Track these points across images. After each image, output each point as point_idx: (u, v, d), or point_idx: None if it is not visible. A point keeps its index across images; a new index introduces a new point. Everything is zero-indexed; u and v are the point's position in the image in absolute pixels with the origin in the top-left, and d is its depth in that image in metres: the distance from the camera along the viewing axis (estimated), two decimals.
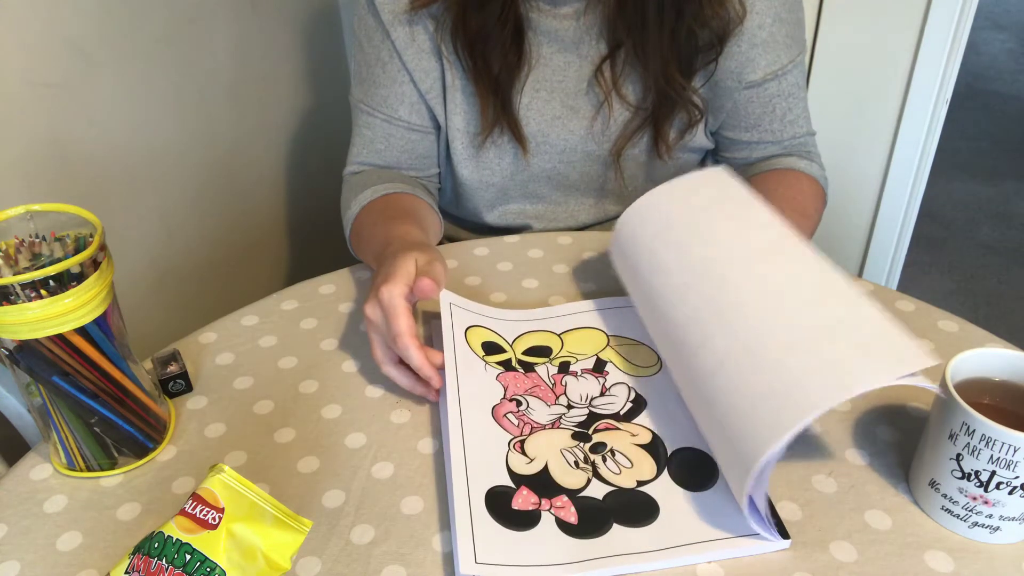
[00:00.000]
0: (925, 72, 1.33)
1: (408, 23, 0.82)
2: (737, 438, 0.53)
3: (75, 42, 0.93)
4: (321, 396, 0.68)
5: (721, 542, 0.54)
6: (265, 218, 1.35)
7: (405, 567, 0.54)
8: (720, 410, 0.56)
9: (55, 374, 0.57)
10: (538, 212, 0.95)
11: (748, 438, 0.52)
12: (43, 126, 0.91)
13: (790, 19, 0.83)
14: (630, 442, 0.62)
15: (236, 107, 1.22)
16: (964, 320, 0.74)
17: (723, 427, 0.55)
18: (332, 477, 0.61)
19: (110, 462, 0.62)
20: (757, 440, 0.51)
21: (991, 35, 3.37)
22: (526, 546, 0.54)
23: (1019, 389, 0.56)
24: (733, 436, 0.54)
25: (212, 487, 0.50)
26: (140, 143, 1.04)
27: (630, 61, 0.82)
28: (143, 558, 0.48)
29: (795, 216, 0.79)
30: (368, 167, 0.90)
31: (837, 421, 0.64)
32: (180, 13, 1.07)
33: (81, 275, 0.55)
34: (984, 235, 2.28)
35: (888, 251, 1.53)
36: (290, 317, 0.77)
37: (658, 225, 0.70)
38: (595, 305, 0.76)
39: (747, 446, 0.52)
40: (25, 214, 0.58)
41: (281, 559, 0.50)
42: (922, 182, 1.47)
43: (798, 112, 0.87)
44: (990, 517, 0.53)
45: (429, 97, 0.85)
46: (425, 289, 0.64)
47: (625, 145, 0.87)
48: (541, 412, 0.64)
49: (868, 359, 0.52)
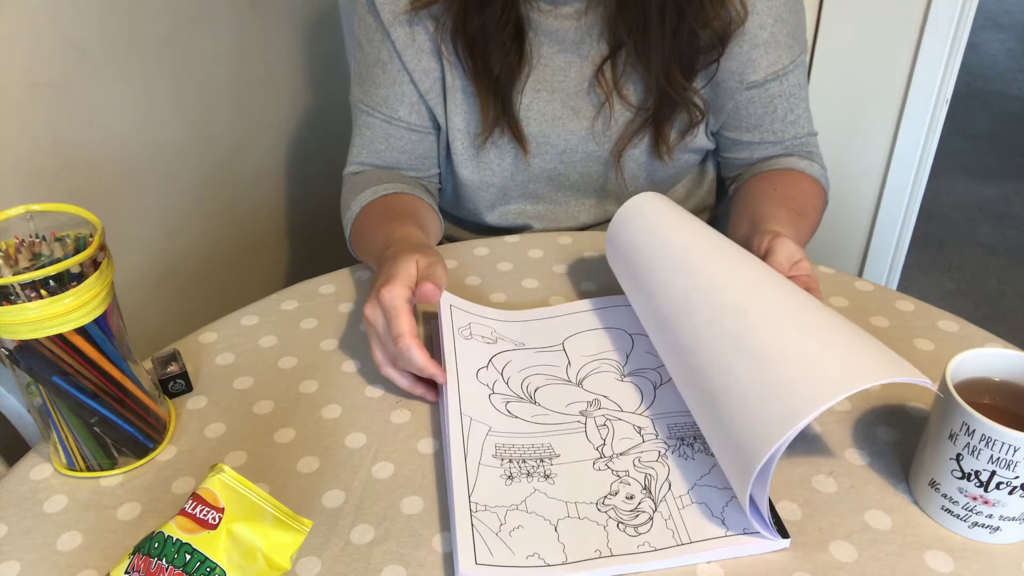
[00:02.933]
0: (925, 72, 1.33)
1: (408, 23, 0.82)
2: (738, 437, 0.53)
3: (75, 42, 0.93)
4: (321, 396, 0.68)
5: (721, 541, 0.54)
6: (265, 218, 1.35)
7: (405, 567, 0.54)
8: (720, 409, 0.56)
9: (55, 374, 0.57)
10: (538, 212, 0.95)
11: (749, 436, 0.52)
12: (43, 126, 0.91)
13: (791, 19, 0.83)
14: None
15: (236, 107, 1.22)
16: (964, 320, 0.74)
17: (724, 426, 0.55)
18: (332, 477, 0.61)
19: (110, 462, 0.62)
20: (759, 438, 0.51)
21: (991, 35, 3.37)
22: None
23: (1019, 389, 0.56)
24: (734, 435, 0.54)
25: (212, 487, 0.50)
26: (140, 143, 1.04)
27: (631, 61, 0.82)
28: (143, 558, 0.48)
29: (794, 216, 0.79)
30: (368, 167, 0.90)
31: (837, 421, 0.64)
32: (180, 13, 1.07)
33: (81, 275, 0.55)
34: (984, 235, 2.28)
35: (888, 251, 1.53)
36: (290, 317, 0.77)
37: (651, 224, 0.70)
38: (595, 305, 0.76)
39: (749, 444, 0.52)
40: (25, 214, 0.58)
41: (281, 559, 0.50)
42: (922, 182, 1.46)
43: (799, 112, 0.87)
44: (990, 517, 0.53)
45: (429, 97, 0.85)
46: (427, 293, 0.64)
47: (626, 146, 0.87)
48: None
49: (867, 358, 0.52)
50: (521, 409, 0.65)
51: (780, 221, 0.76)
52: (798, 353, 0.54)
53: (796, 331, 0.56)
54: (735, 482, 0.54)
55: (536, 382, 0.67)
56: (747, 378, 0.54)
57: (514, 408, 0.65)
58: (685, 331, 0.61)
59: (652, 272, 0.67)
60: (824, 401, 0.50)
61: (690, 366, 0.60)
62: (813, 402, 0.50)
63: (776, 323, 0.57)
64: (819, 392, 0.50)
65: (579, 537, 0.55)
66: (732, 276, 0.62)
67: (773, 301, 0.59)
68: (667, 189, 0.96)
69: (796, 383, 0.52)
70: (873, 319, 0.74)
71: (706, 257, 0.65)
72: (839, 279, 0.79)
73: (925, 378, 0.51)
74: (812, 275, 0.67)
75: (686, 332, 0.61)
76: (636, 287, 0.69)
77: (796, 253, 0.67)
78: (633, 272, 0.70)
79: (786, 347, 0.54)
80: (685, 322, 0.61)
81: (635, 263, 0.70)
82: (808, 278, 0.66)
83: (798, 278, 0.66)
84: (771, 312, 0.58)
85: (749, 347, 0.55)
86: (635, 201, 0.72)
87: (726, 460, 0.55)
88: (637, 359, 0.70)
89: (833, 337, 0.55)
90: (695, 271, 0.63)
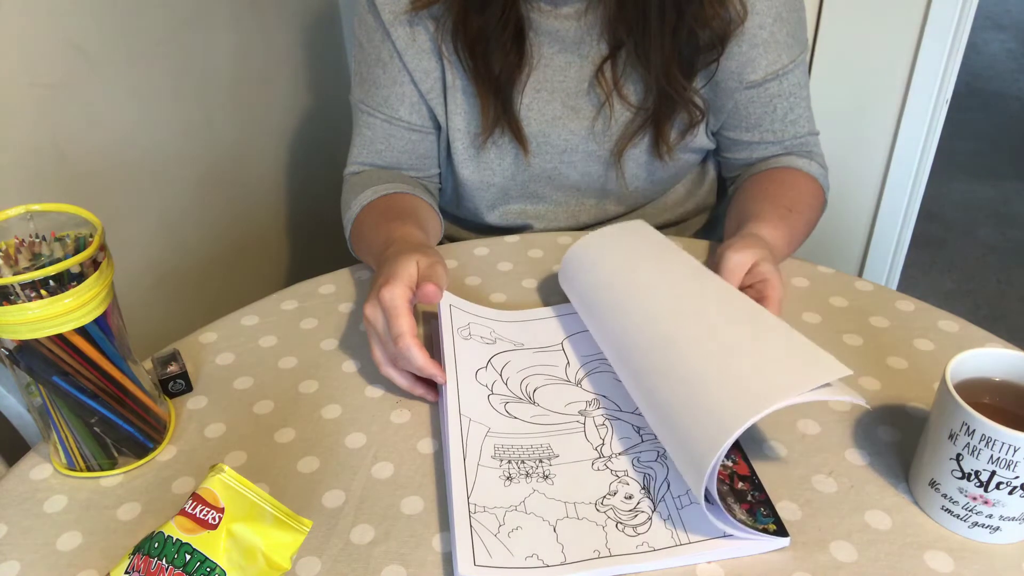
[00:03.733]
0: (925, 72, 1.33)
1: (408, 23, 0.82)
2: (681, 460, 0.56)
3: (75, 42, 0.93)
4: (321, 396, 0.68)
5: (721, 541, 0.54)
6: (265, 218, 1.35)
7: (405, 567, 0.54)
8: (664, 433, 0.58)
9: (55, 374, 0.57)
10: (539, 212, 0.95)
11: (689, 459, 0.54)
12: (43, 126, 0.91)
13: (791, 19, 0.83)
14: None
15: (236, 107, 1.22)
16: (964, 320, 0.74)
17: (671, 450, 0.57)
18: (332, 477, 0.61)
19: (110, 462, 0.62)
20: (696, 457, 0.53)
21: (991, 35, 3.37)
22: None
23: (1019, 389, 0.56)
24: (678, 458, 0.56)
25: (212, 487, 0.50)
26: (140, 143, 1.04)
27: (631, 61, 0.82)
28: (143, 558, 0.48)
29: (783, 212, 0.79)
30: (369, 167, 0.90)
31: (837, 421, 0.64)
32: (180, 13, 1.07)
33: (81, 275, 0.55)
34: (984, 235, 2.28)
35: (888, 251, 1.53)
36: (290, 317, 0.77)
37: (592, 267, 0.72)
38: None
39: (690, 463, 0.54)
40: (25, 214, 0.58)
41: (281, 559, 0.50)
42: (922, 182, 1.47)
43: (800, 112, 0.87)
44: (990, 517, 0.53)
45: (429, 97, 0.85)
46: (428, 294, 0.65)
47: (626, 145, 0.87)
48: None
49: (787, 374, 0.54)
50: (520, 409, 0.65)
51: (766, 220, 0.76)
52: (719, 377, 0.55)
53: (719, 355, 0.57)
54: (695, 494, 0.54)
55: (535, 382, 0.67)
56: (677, 405, 0.57)
57: (513, 408, 0.65)
58: (628, 366, 0.64)
59: (595, 313, 0.70)
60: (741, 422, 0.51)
61: (638, 396, 0.62)
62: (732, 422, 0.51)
63: (700, 348, 0.59)
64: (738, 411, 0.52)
65: (578, 537, 0.55)
66: (666, 306, 0.64)
67: (701, 326, 0.61)
68: (667, 189, 0.96)
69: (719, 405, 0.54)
70: (873, 319, 0.74)
71: (643, 292, 0.67)
72: (839, 279, 0.79)
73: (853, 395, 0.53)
74: (771, 278, 0.68)
75: (629, 367, 0.64)
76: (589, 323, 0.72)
77: (745, 261, 0.69)
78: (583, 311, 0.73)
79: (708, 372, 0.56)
80: (626, 358, 0.64)
81: (582, 305, 0.73)
82: (763, 284, 0.68)
83: (751, 287, 0.68)
84: (698, 337, 0.60)
85: (677, 375, 0.58)
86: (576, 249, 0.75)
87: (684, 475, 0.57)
88: None
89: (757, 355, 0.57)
90: (630, 309, 0.66)
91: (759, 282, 0.68)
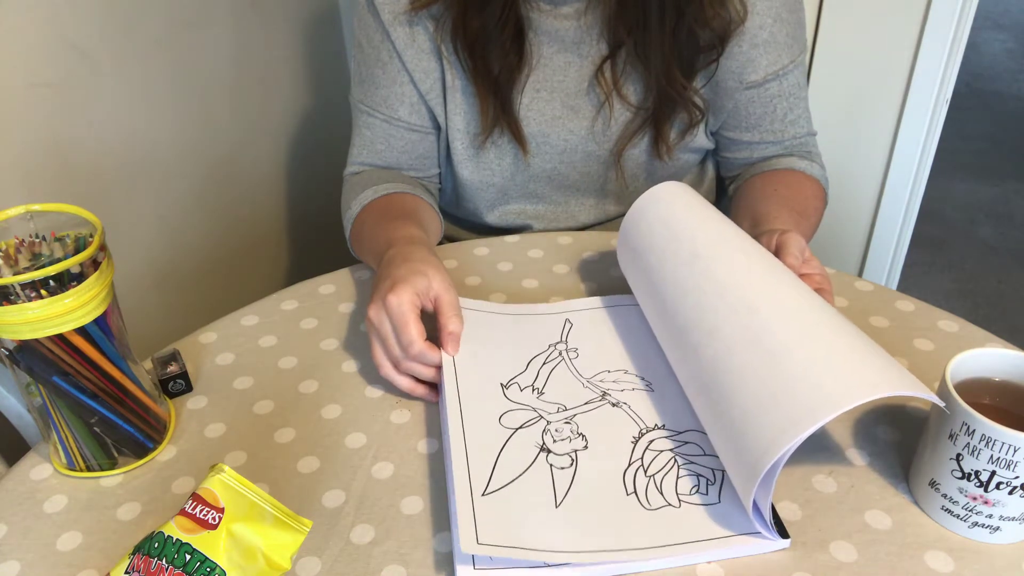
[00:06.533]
0: (925, 72, 1.33)
1: (408, 23, 0.82)
2: (746, 439, 0.53)
3: (75, 42, 0.93)
4: (321, 396, 0.68)
5: (721, 541, 0.54)
6: (265, 218, 1.35)
7: (405, 567, 0.54)
8: (728, 409, 0.55)
9: (55, 374, 0.57)
10: (538, 212, 0.95)
11: (757, 439, 0.52)
12: (43, 126, 0.91)
13: (791, 19, 0.83)
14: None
15: (236, 107, 1.22)
16: (964, 320, 0.74)
17: (731, 427, 0.55)
18: (332, 477, 0.61)
19: (110, 462, 0.62)
20: (766, 442, 0.51)
21: (991, 35, 3.37)
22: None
23: (1019, 389, 0.56)
24: (741, 437, 0.54)
25: (212, 487, 0.50)
26: (140, 143, 1.04)
27: (631, 61, 0.82)
28: (143, 558, 0.48)
29: (796, 217, 0.79)
30: (368, 167, 0.90)
31: (837, 421, 0.64)
32: (180, 14, 1.07)
33: (81, 275, 0.55)
34: (984, 235, 2.28)
35: (888, 251, 1.53)
36: (290, 317, 0.77)
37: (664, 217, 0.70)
38: (593, 303, 0.76)
39: (756, 447, 0.52)
40: (25, 214, 0.58)
41: (281, 559, 0.50)
42: (922, 182, 1.46)
43: (799, 112, 0.87)
44: (990, 517, 0.53)
45: (429, 98, 0.85)
46: (450, 350, 0.67)
47: (626, 145, 0.87)
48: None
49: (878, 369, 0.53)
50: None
51: (783, 222, 0.76)
52: (810, 357, 0.54)
53: (808, 334, 0.55)
54: (739, 483, 0.54)
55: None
56: (758, 377, 0.54)
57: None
58: (695, 328, 0.61)
59: (664, 265, 0.67)
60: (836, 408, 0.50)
61: (699, 364, 0.60)
62: (824, 408, 0.50)
63: (788, 324, 0.56)
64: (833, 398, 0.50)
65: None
66: (746, 273, 0.62)
67: (786, 300, 0.59)
68: None
69: (809, 386, 0.52)
70: (873, 319, 0.74)
71: (719, 252, 0.64)
72: (839, 279, 0.79)
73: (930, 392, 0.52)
74: (824, 274, 0.67)
75: (696, 329, 0.61)
76: (645, 279, 0.69)
77: (807, 249, 0.67)
78: (644, 264, 0.70)
79: (798, 349, 0.54)
80: (696, 319, 0.61)
81: (647, 255, 0.69)
82: (821, 277, 0.66)
83: (811, 277, 0.66)
84: (784, 312, 0.57)
85: (762, 345, 0.55)
86: (652, 192, 0.72)
87: (731, 461, 0.55)
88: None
89: (845, 343, 0.55)
90: (708, 269, 0.63)
91: (816, 274, 0.66)
